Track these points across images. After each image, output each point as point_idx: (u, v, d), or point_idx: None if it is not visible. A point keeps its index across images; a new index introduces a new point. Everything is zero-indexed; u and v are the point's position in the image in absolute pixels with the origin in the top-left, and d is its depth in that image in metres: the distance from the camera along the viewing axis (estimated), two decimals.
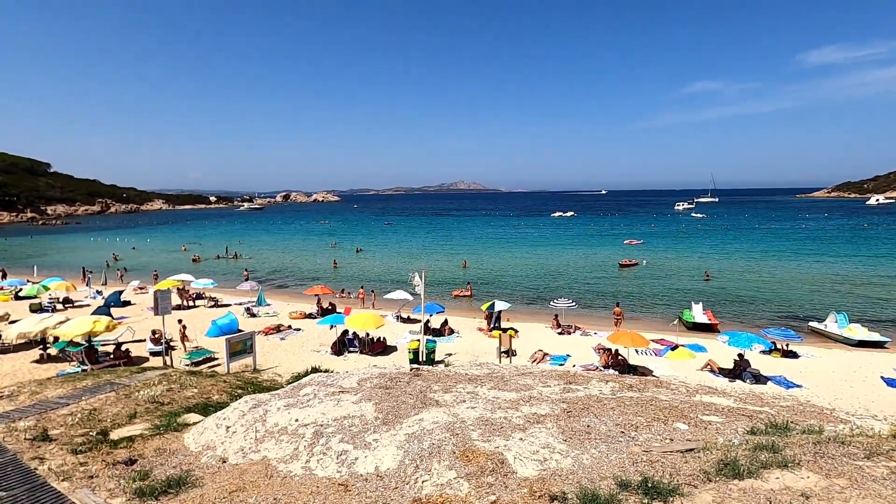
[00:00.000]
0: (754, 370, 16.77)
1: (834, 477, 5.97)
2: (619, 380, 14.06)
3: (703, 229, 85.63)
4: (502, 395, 10.02)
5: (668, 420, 8.94)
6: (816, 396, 15.35)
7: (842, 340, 22.16)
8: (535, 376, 13.38)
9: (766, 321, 27.33)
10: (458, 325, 24.72)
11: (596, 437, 7.72)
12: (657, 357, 19.54)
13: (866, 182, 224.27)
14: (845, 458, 6.63)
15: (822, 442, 7.39)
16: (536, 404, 9.35)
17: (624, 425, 8.37)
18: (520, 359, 19.55)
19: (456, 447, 7.18)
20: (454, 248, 62.84)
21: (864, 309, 29.46)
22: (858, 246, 58.32)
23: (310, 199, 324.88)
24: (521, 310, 29.28)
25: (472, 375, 12.48)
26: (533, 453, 6.91)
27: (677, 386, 14.43)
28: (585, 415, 8.74)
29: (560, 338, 22.67)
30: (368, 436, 7.83)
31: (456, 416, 8.32)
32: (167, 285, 27.16)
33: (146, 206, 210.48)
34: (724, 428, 9.14)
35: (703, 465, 6.40)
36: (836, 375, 17.45)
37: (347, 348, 19.84)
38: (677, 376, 17.46)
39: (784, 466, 6.23)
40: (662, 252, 56.66)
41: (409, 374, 11.28)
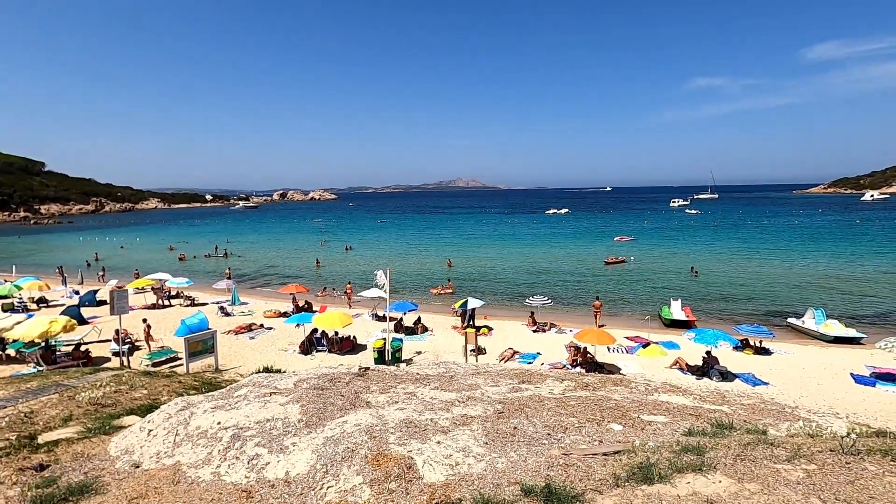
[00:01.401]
0: (721, 367, 16.55)
1: (747, 481, 5.72)
2: (577, 378, 13.82)
3: (696, 226, 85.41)
4: (441, 396, 9.76)
5: (603, 421, 8.69)
6: (782, 394, 15.16)
7: (818, 337, 21.96)
8: (490, 375, 13.13)
9: (747, 317, 27.14)
10: (434, 324, 24.49)
11: (520, 439, 7.46)
12: (629, 354, 19.32)
13: (862, 178, 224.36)
14: (766, 460, 6.38)
15: (751, 444, 7.15)
16: (472, 405, 9.10)
17: (554, 427, 8.12)
18: (489, 357, 19.33)
19: (370, 451, 6.93)
20: (443, 246, 62.57)
21: (846, 305, 29.29)
22: (848, 242, 58.17)
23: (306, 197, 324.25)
24: (501, 307, 29.06)
25: (422, 375, 12.22)
26: (446, 457, 6.65)
27: (638, 384, 14.20)
28: (518, 416, 8.49)
29: (534, 335, 22.44)
30: (287, 439, 7.57)
31: (381, 418, 8.06)
32: (142, 284, 26.88)
33: (141, 205, 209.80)
34: (665, 429, 8.89)
35: (618, 470, 6.15)
36: (806, 372, 17.25)
37: (315, 347, 19.59)
38: (644, 374, 17.27)
39: (699, 470, 5.98)
40: (652, 249, 56.44)
41: (353, 375, 11.02)
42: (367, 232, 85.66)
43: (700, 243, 60.95)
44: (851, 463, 6.22)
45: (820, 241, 59.67)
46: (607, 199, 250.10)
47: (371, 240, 71.69)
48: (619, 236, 66.46)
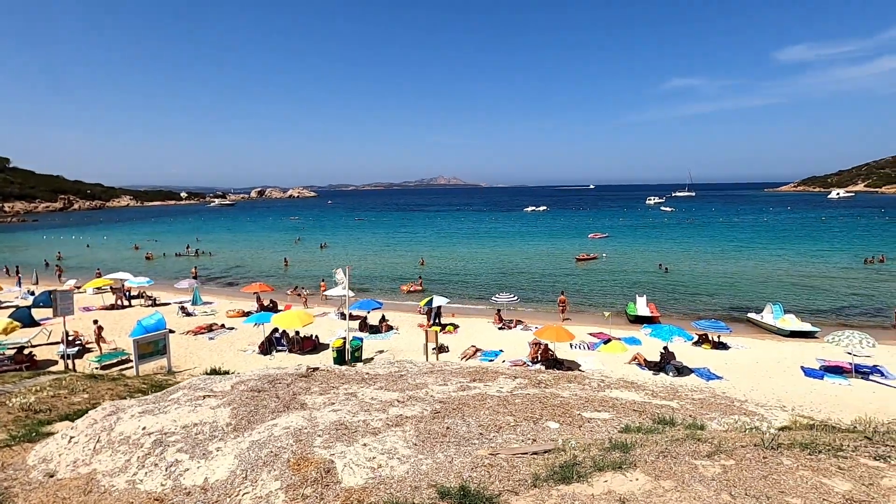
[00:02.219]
0: (678, 363, 16.78)
1: (663, 479, 5.69)
2: (532, 375, 13.80)
3: (669, 223, 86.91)
4: (383, 396, 9.60)
5: (541, 419, 8.64)
6: (734, 388, 15.38)
7: (775, 331, 22.48)
8: (443, 374, 13.01)
9: (710, 313, 27.63)
10: (401, 322, 24.30)
11: (451, 439, 7.34)
12: (590, 351, 19.44)
13: (830, 177, 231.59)
14: (688, 456, 6.38)
15: (680, 440, 7.17)
16: (411, 405, 8.96)
17: (489, 426, 8.03)
18: (452, 355, 19.23)
19: (294, 455, 6.73)
20: (418, 244, 62.33)
21: (806, 300, 30.09)
22: (812, 239, 59.92)
23: (285, 195, 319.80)
24: (470, 305, 29.01)
25: (371, 375, 12.03)
26: (369, 460, 6.49)
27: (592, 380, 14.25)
28: (455, 415, 8.38)
29: (500, 333, 22.44)
30: (212, 444, 7.30)
31: (312, 420, 7.85)
32: (99, 284, 26.04)
33: (112, 203, 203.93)
34: (604, 426, 8.89)
35: (539, 469, 6.08)
36: (759, 366, 17.60)
37: (275, 347, 19.21)
38: (602, 370, 17.41)
39: (620, 468, 5.94)
40: (625, 246, 57.20)
41: (297, 376, 10.77)
42: (343, 230, 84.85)
43: (672, 240, 62.01)
44: (769, 458, 6.26)
45: (786, 238, 61.31)
46: (589, 196, 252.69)
47: (347, 237, 71.02)
48: (594, 233, 67.17)
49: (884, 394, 14.81)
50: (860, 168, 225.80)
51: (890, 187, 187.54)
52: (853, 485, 5.59)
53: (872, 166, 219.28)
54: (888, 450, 6.62)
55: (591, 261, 45.25)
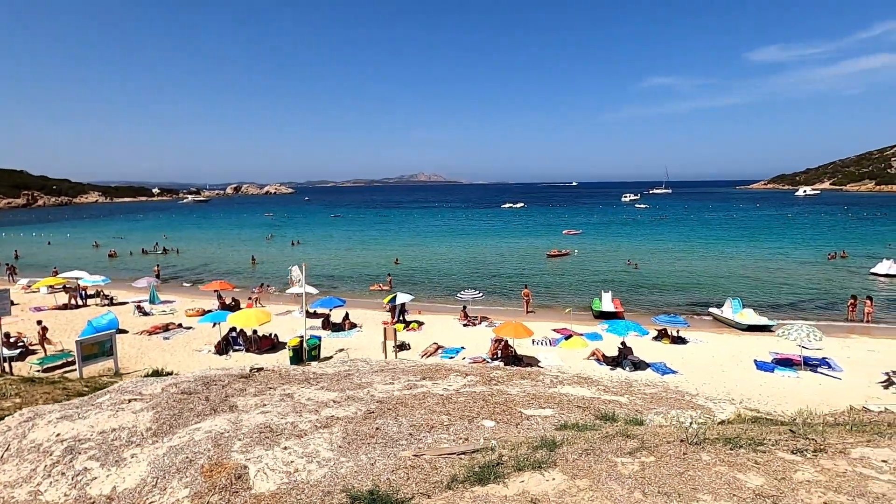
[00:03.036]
0: (634, 358, 16.93)
1: (580, 477, 5.61)
2: (485, 373, 13.71)
3: (642, 220, 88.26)
4: (321, 396, 9.36)
5: (478, 417, 8.53)
6: (687, 382, 15.60)
7: (734, 325, 22.92)
8: (394, 372, 12.82)
9: (674, 308, 28.07)
10: (366, 320, 24.02)
11: (379, 440, 7.16)
12: (552, 346, 19.50)
13: (798, 175, 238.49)
14: (611, 454, 6.32)
15: (608, 437, 7.12)
16: (348, 405, 8.74)
17: (421, 426, 7.87)
18: (413, 352, 19.04)
19: (209, 460, 6.46)
20: (392, 241, 61.95)
21: (767, 294, 30.82)
22: (777, 235, 61.56)
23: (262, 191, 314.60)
24: (438, 302, 28.85)
25: (317, 374, 11.77)
26: (287, 464, 6.26)
27: (546, 376, 14.23)
28: (389, 415, 8.19)
29: (465, 329, 22.34)
30: (128, 451, 6.96)
31: (238, 423, 7.57)
32: (51, 283, 25.04)
33: (80, 199, 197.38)
34: (543, 423, 8.83)
35: (459, 470, 5.95)
36: (714, 360, 17.89)
37: (232, 347, 18.74)
38: (561, 366, 17.43)
39: (539, 468, 5.84)
40: (597, 242, 57.83)
41: (235, 377, 10.44)
42: (317, 227, 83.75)
43: (643, 237, 62.95)
44: (689, 454, 6.25)
45: (752, 235, 62.84)
46: (570, 193, 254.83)
47: (321, 235, 70.10)
48: (568, 230, 67.75)
49: (829, 385, 15.19)
50: (826, 167, 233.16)
51: (854, 185, 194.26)
52: (766, 479, 5.61)
53: (838, 165, 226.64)
54: (807, 443, 6.69)
55: (562, 257, 45.57)
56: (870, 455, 6.23)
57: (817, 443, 6.68)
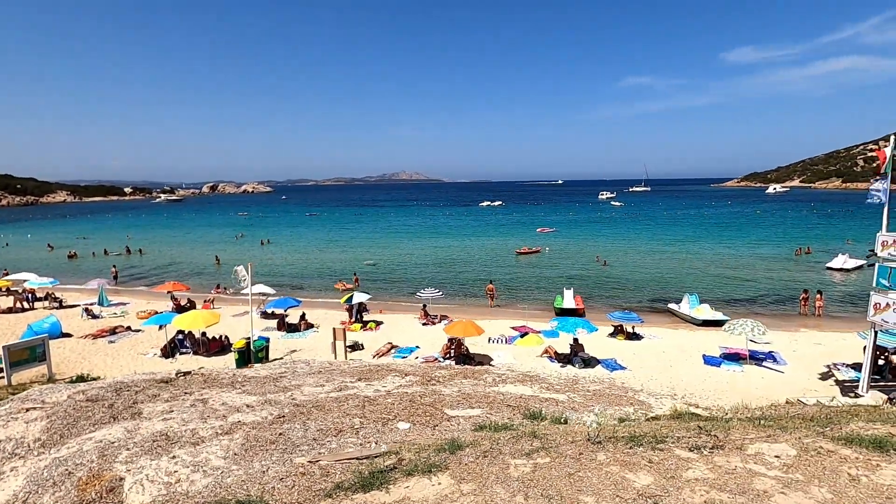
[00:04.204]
0: (585, 355, 16.95)
1: (467, 481, 5.45)
2: (427, 372, 13.52)
3: (617, 218, 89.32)
4: (238, 400, 9.04)
5: (394, 419, 8.33)
6: (634, 378, 15.66)
7: (690, 320, 23.22)
8: (331, 373, 12.55)
9: (637, 304, 28.34)
10: (325, 320, 23.61)
11: (280, 446, 6.90)
12: (507, 345, 19.43)
13: (769, 173, 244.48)
14: (509, 455, 6.18)
15: (514, 438, 6.99)
16: (260, 409, 8.44)
17: (330, 429, 7.63)
18: (366, 353, 18.75)
19: (89, 472, 6.12)
20: (364, 240, 61.42)
21: (728, 290, 31.33)
22: (744, 232, 62.90)
23: (239, 190, 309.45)
24: (400, 301, 28.55)
25: (248, 377, 11.42)
26: (169, 474, 5.95)
27: (490, 376, 14.10)
28: (300, 419, 7.93)
29: (423, 329, 22.12)
30: (10, 463, 6.58)
31: (134, 431, 7.22)
32: None
33: (47, 199, 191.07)
34: (465, 423, 8.67)
35: (349, 476, 5.74)
36: (665, 355, 18.03)
37: (179, 350, 18.18)
38: (513, 364, 17.37)
39: (429, 472, 5.66)
40: (570, 239, 58.27)
41: (154, 381, 10.05)
42: (291, 226, 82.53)
43: (616, 234, 63.65)
44: (586, 453, 6.14)
45: (721, 231, 64.09)
46: (551, 191, 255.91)
47: (293, 234, 69.07)
48: (542, 228, 68.09)
49: (771, 379, 15.42)
50: (796, 165, 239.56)
51: (822, 183, 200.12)
52: (655, 478, 5.52)
53: (807, 163, 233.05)
54: (709, 439, 6.64)
55: (533, 254, 45.72)
56: (765, 451, 6.22)
57: (718, 439, 6.65)
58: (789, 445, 6.32)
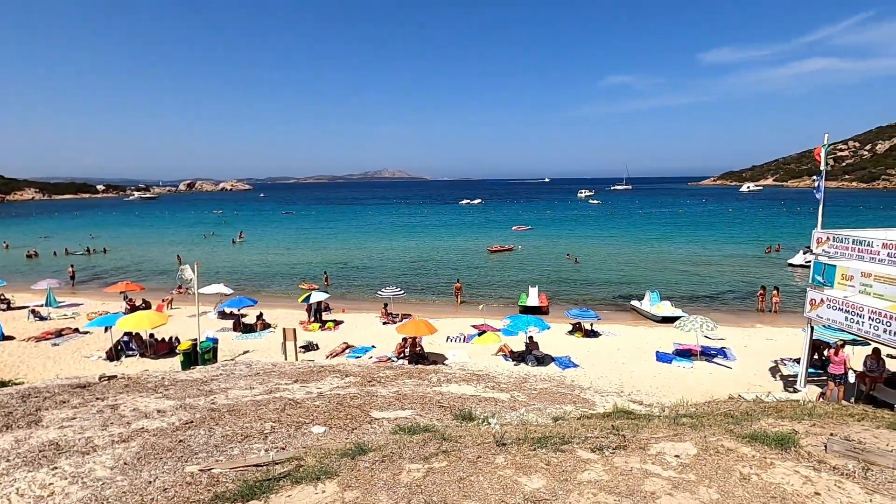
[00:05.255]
0: (539, 353, 16.91)
1: (352, 489, 5.25)
2: (369, 373, 13.29)
3: (593, 215, 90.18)
4: (152, 406, 8.68)
5: (311, 423, 8.09)
6: (585, 375, 15.66)
7: (650, 317, 23.40)
8: (267, 375, 12.24)
9: (601, 301, 28.52)
10: (283, 319, 23.15)
11: (177, 454, 6.58)
12: (465, 343, 19.29)
13: (744, 171, 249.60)
14: (406, 460, 5.99)
15: (424, 441, 6.81)
16: (171, 415, 8.10)
17: (237, 435, 7.35)
18: (321, 353, 18.41)
19: None
20: (338, 238, 60.78)
21: (693, 287, 31.75)
22: (714, 229, 64.07)
23: (217, 187, 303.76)
24: (367, 300, 28.19)
25: (174, 380, 11.04)
26: (43, 487, 5.62)
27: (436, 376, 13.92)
28: (206, 425, 7.62)
29: (384, 328, 21.84)
30: None
31: (23, 440, 6.84)
32: None
33: (14, 196, 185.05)
34: (388, 425, 8.47)
35: (234, 485, 5.49)
36: (620, 352, 18.10)
37: (125, 352, 17.60)
38: (467, 362, 17.24)
39: (318, 479, 5.43)
40: (544, 237, 58.58)
41: (70, 387, 9.61)
42: (266, 224, 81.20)
43: (591, 231, 64.22)
44: (485, 456, 5.99)
45: (693, 229, 65.13)
46: (534, 189, 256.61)
47: (266, 232, 67.92)
48: (517, 226, 68.32)
49: (719, 375, 15.57)
50: (770, 164, 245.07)
51: (794, 181, 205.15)
52: (547, 481, 5.38)
53: (780, 162, 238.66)
54: (616, 439, 6.55)
55: (505, 252, 45.76)
56: (668, 450, 6.15)
57: (625, 439, 6.57)
58: (693, 444, 6.28)
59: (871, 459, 5.72)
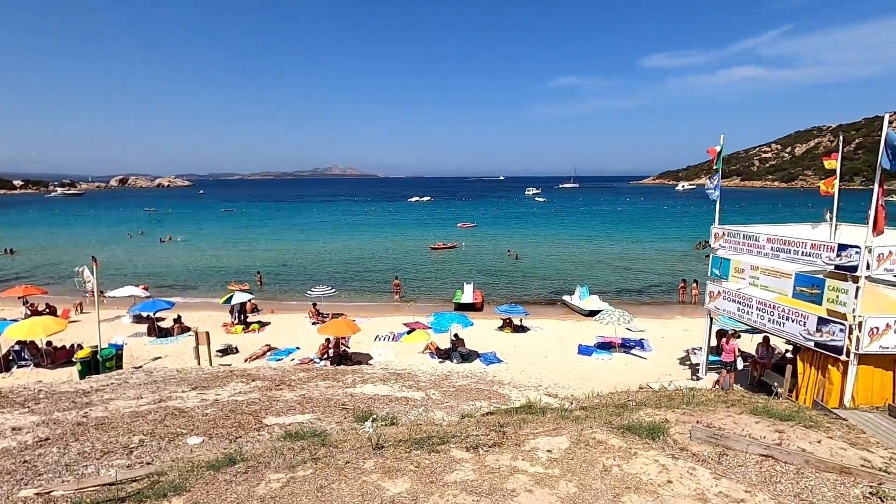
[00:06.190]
0: (464, 350, 16.95)
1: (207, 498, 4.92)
2: (278, 377, 12.76)
3: (538, 213, 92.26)
4: (8, 423, 7.83)
5: (188, 434, 7.58)
6: (507, 371, 15.83)
7: (579, 311, 24.06)
8: (164, 383, 11.47)
9: (537, 296, 29.07)
10: (206, 322, 21.97)
11: (16, 477, 5.92)
12: (394, 342, 19.03)
13: (681, 171, 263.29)
14: (270, 470, 5.64)
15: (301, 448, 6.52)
16: (28, 432, 7.33)
17: (97, 451, 6.73)
18: (240, 357, 17.57)
19: None
20: (279, 236, 58.82)
21: (623, 281, 33.01)
22: (652, 226, 67.06)
23: (153, 183, 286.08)
24: (302, 299, 27.28)
25: (49, 392, 10.12)
26: None
27: (351, 377, 13.55)
28: (62, 442, 6.93)
29: (312, 328, 21.16)
30: None
31: None
32: None
33: None
34: (277, 432, 8.08)
35: None
36: (544, 347, 18.45)
37: (17, 362, 16.05)
38: (392, 361, 17.00)
39: (163, 496, 5.04)
40: (489, 234, 59.25)
41: None
42: (202, 222, 77.19)
43: (535, 228, 65.56)
44: (355, 461, 5.74)
45: (629, 226, 67.97)
46: (488, 187, 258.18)
47: (202, 230, 64.55)
48: (463, 223, 68.71)
49: (634, 365, 16.17)
50: (704, 164, 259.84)
51: (724, 181, 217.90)
52: (412, 484, 5.21)
53: (712, 162, 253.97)
54: (496, 437, 6.51)
55: (448, 249, 45.81)
56: (542, 445, 6.16)
57: (505, 436, 6.55)
58: (567, 438, 6.35)
59: (729, 445, 5.98)
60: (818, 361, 9.98)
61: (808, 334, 9.99)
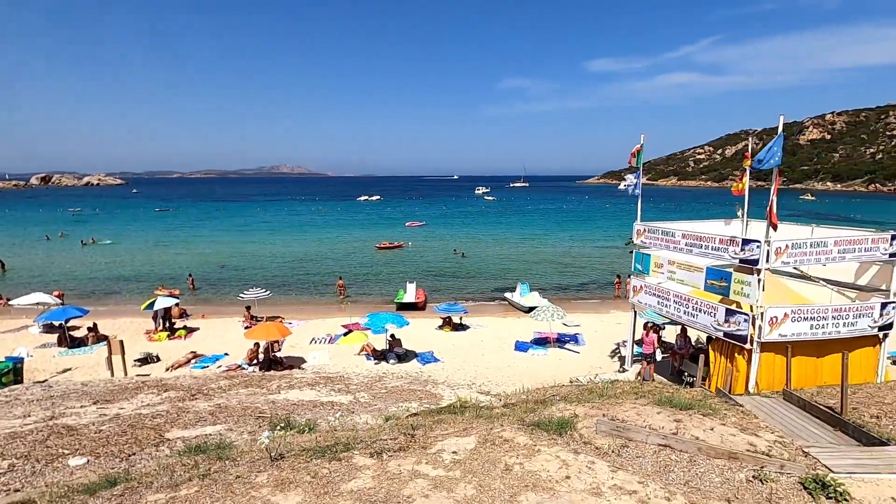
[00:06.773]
0: (400, 350, 16.75)
1: None
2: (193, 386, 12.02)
3: (488, 211, 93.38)
4: None
5: (70, 455, 6.88)
6: (443, 370, 15.76)
7: (520, 308, 24.39)
8: (64, 398, 10.55)
9: (480, 294, 29.27)
10: (128, 329, 20.55)
11: None
12: (330, 344, 18.53)
13: (623, 171, 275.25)
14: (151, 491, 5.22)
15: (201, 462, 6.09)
16: None
17: None
18: (162, 365, 16.49)
19: None
20: (216, 237, 56.11)
21: (563, 277, 33.88)
22: (594, 223, 69.44)
23: (81, 182, 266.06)
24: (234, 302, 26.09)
25: None
26: None
27: (275, 383, 12.95)
28: None
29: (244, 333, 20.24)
30: None
31: None
32: None
33: None
34: (179, 446, 7.55)
35: None
36: (482, 344, 18.55)
37: None
38: (326, 364, 16.53)
39: None
40: (436, 232, 59.29)
41: None
42: (132, 223, 72.34)
43: (482, 227, 66.26)
44: (247, 476, 5.40)
45: (573, 223, 70.09)
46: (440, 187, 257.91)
47: (130, 232, 60.45)
48: (411, 222, 68.38)
49: (567, 360, 16.55)
50: (644, 164, 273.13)
51: (663, 180, 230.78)
52: (305, 496, 4.93)
53: (651, 163, 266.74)
54: (404, 440, 6.32)
55: (394, 249, 45.38)
56: (449, 447, 6.01)
57: (413, 439, 6.37)
58: (475, 438, 6.25)
59: (630, 436, 6.10)
60: (727, 350, 10.53)
61: (718, 325, 10.52)
